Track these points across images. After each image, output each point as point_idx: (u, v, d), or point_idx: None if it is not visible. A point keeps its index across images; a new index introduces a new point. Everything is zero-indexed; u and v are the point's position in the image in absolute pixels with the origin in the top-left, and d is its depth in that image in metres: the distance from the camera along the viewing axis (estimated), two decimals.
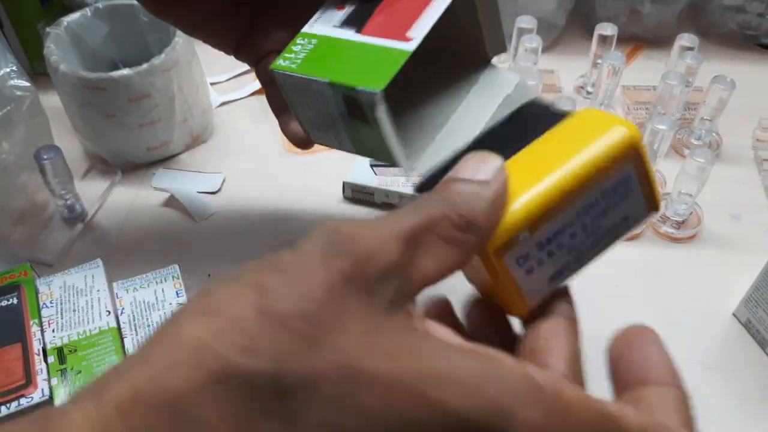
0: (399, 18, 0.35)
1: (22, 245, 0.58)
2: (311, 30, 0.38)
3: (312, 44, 0.37)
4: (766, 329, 0.50)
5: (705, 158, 0.54)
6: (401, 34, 0.34)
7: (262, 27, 0.44)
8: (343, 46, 0.35)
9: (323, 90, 0.35)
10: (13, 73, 0.57)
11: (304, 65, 0.36)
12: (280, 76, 0.37)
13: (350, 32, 0.36)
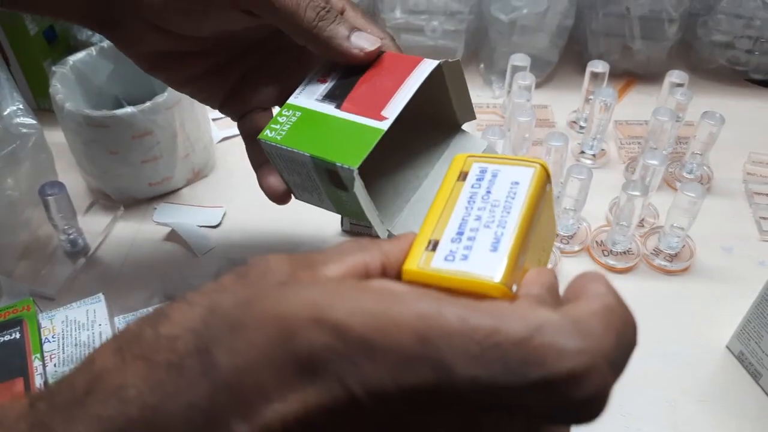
0: (375, 96, 0.39)
1: (25, 279, 0.59)
2: (296, 102, 0.41)
3: (296, 116, 0.40)
4: (759, 362, 0.51)
5: (695, 192, 0.55)
6: (376, 113, 0.38)
7: (247, 85, 0.47)
8: (323, 120, 0.39)
9: (305, 161, 0.39)
10: (20, 111, 0.59)
11: (288, 137, 0.39)
12: (267, 146, 0.41)
13: (330, 107, 0.40)
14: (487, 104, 0.78)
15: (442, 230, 0.27)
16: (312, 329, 0.21)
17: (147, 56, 0.44)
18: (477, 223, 0.27)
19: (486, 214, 0.28)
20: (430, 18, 0.78)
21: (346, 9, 0.41)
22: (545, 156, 0.61)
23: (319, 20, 0.38)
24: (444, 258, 0.26)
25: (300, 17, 0.38)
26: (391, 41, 0.42)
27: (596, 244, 0.61)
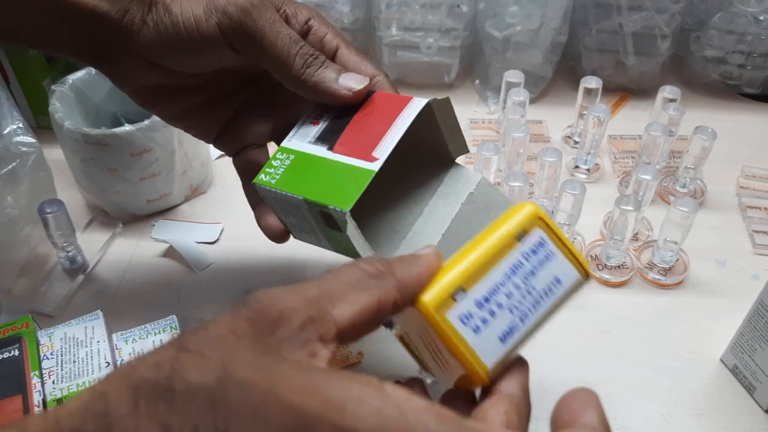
0: (366, 137, 0.39)
1: (24, 297, 0.59)
2: (289, 145, 0.42)
3: (289, 160, 0.41)
4: (753, 375, 0.51)
5: (688, 207, 0.56)
6: (368, 155, 0.38)
7: (242, 121, 0.47)
8: (316, 163, 0.40)
9: (299, 203, 0.39)
10: (19, 130, 0.60)
11: (282, 181, 0.40)
12: (262, 189, 0.41)
13: (323, 149, 0.40)
14: (482, 120, 0.79)
15: (472, 283, 0.28)
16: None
17: (141, 91, 0.45)
18: (506, 300, 0.28)
19: (517, 296, 0.28)
20: (426, 35, 0.79)
21: (340, 47, 0.42)
22: (539, 171, 0.62)
23: (306, 67, 0.39)
24: (459, 316, 0.27)
25: (289, 65, 0.39)
26: (385, 78, 0.42)
27: (591, 258, 0.62)
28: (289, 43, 0.38)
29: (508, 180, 0.59)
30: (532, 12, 0.75)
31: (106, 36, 0.41)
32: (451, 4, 0.77)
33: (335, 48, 0.42)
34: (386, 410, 0.22)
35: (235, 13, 0.38)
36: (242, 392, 0.22)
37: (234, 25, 0.38)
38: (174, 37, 0.39)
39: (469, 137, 0.76)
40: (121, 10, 0.40)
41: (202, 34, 0.39)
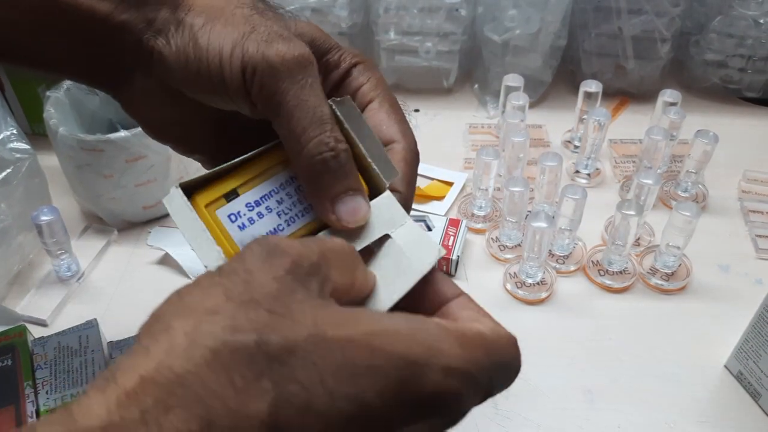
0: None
1: (18, 305, 0.58)
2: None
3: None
4: (758, 381, 0.50)
5: (690, 211, 0.55)
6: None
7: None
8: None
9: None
10: (13, 136, 0.59)
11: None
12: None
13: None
14: (482, 125, 0.78)
15: (247, 188, 0.31)
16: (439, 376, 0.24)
17: (154, 123, 0.39)
18: (276, 206, 0.31)
19: (287, 203, 0.32)
20: (424, 39, 0.78)
21: (372, 101, 0.35)
22: (540, 176, 0.61)
23: (318, 162, 0.31)
24: (228, 214, 0.30)
25: (300, 146, 0.31)
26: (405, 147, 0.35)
27: (592, 264, 0.61)
28: (310, 119, 0.31)
29: (509, 185, 0.58)
30: (531, 16, 0.75)
31: (119, 50, 0.35)
32: (449, 8, 0.76)
33: (367, 102, 0.35)
34: (466, 341, 0.25)
35: (260, 65, 0.31)
36: (341, 349, 0.22)
37: (256, 78, 0.31)
38: (194, 71, 0.33)
39: (468, 142, 0.76)
40: (144, 21, 0.34)
41: (224, 78, 0.32)
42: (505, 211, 0.61)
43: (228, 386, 0.21)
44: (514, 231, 0.62)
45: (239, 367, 0.21)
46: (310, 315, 0.23)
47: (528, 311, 0.58)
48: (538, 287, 0.59)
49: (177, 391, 0.21)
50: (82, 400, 0.21)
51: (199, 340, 0.22)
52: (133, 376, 0.21)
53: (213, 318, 0.22)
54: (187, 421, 0.20)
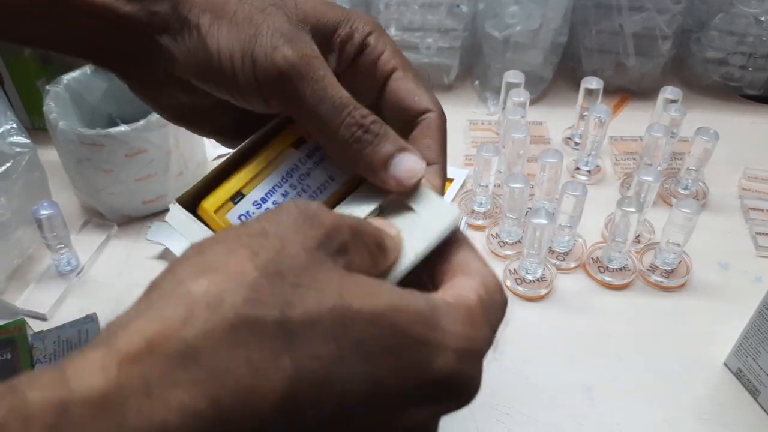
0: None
1: (17, 299, 0.58)
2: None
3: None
4: (757, 378, 0.50)
5: (690, 209, 0.55)
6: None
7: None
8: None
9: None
10: (13, 130, 0.59)
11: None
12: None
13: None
14: (482, 121, 0.78)
15: (251, 187, 0.31)
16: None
17: (168, 108, 0.39)
18: (282, 199, 0.31)
19: (292, 194, 0.32)
20: (425, 35, 0.78)
21: (395, 70, 0.35)
22: (540, 173, 0.61)
23: (354, 142, 0.31)
24: (238, 216, 0.31)
25: (333, 138, 0.32)
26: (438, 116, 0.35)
27: (592, 261, 0.61)
28: (332, 109, 0.31)
29: (509, 181, 0.58)
30: (532, 12, 0.75)
31: (125, 40, 0.35)
32: (450, 5, 0.76)
33: (390, 71, 0.35)
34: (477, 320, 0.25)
35: (272, 73, 0.31)
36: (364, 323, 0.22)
37: (270, 85, 0.32)
38: (205, 72, 0.33)
39: (469, 139, 0.76)
40: (147, 14, 0.34)
41: (239, 82, 0.33)
42: (505, 208, 0.61)
43: (244, 364, 0.20)
44: (514, 227, 0.62)
45: (258, 345, 0.21)
46: (336, 285, 0.23)
47: (528, 308, 0.58)
48: (538, 284, 0.59)
49: (187, 364, 0.20)
50: (77, 361, 0.20)
51: (219, 311, 0.21)
52: (138, 339, 0.20)
53: (236, 288, 0.21)
54: (194, 398, 0.19)
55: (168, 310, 0.21)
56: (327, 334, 0.22)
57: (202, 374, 0.20)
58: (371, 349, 0.22)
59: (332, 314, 0.22)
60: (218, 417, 0.20)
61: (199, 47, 0.33)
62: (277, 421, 0.21)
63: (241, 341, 0.20)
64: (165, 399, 0.19)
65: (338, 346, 0.22)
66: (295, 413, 0.21)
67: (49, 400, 0.19)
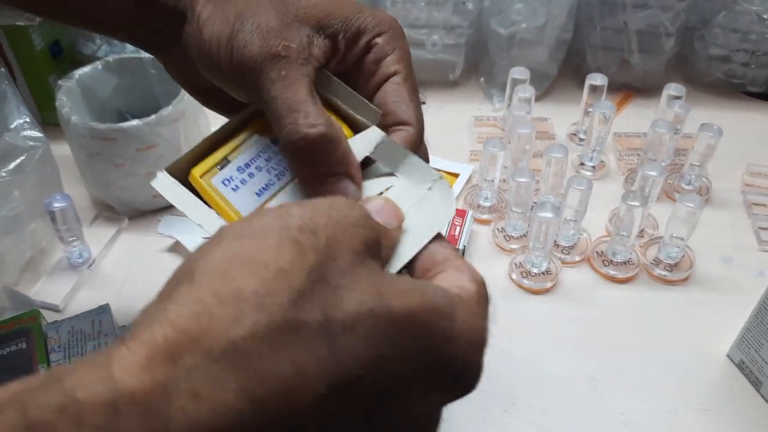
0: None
1: (30, 291, 0.59)
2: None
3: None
4: (760, 370, 0.51)
5: (694, 203, 0.56)
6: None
7: None
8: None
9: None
10: (26, 124, 0.60)
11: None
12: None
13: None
14: (488, 117, 0.79)
15: (237, 154, 0.34)
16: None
17: (195, 89, 0.42)
18: (264, 164, 0.34)
19: (275, 160, 0.34)
20: (431, 32, 0.79)
21: (395, 75, 0.35)
22: (545, 168, 0.62)
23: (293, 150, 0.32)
24: (222, 180, 0.33)
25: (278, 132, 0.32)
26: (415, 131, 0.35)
27: (597, 255, 0.62)
28: (281, 112, 0.32)
29: (515, 176, 0.59)
30: (538, 9, 0.75)
31: (158, 20, 0.38)
32: (456, 2, 0.77)
33: (389, 75, 0.35)
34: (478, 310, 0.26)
35: (239, 69, 0.33)
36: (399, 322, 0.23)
37: (238, 79, 0.34)
38: (201, 57, 0.35)
39: (474, 135, 0.76)
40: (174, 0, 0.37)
41: (221, 68, 0.34)
42: (510, 202, 0.61)
43: (288, 366, 0.20)
44: (519, 222, 0.63)
45: (302, 347, 0.21)
46: (376, 285, 0.23)
47: (533, 301, 0.59)
48: (543, 277, 0.60)
49: (233, 364, 0.20)
50: (122, 356, 0.20)
51: (267, 314, 0.21)
52: (185, 338, 0.20)
53: (283, 289, 0.21)
54: (238, 399, 0.20)
55: (217, 309, 0.21)
56: (368, 335, 0.22)
57: (248, 375, 0.20)
58: (405, 349, 0.23)
59: (372, 315, 0.22)
60: (258, 417, 0.20)
61: (198, 35, 0.35)
62: (314, 420, 0.21)
63: (287, 343, 0.21)
64: (210, 399, 0.19)
65: (375, 347, 0.22)
66: (333, 414, 0.21)
67: (99, 401, 0.19)
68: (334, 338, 0.21)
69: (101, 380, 0.19)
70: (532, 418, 0.50)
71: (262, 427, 0.20)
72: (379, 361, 0.22)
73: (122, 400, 0.19)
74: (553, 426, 0.50)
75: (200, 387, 0.19)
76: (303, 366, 0.21)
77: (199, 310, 0.21)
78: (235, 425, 0.20)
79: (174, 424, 0.19)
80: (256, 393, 0.20)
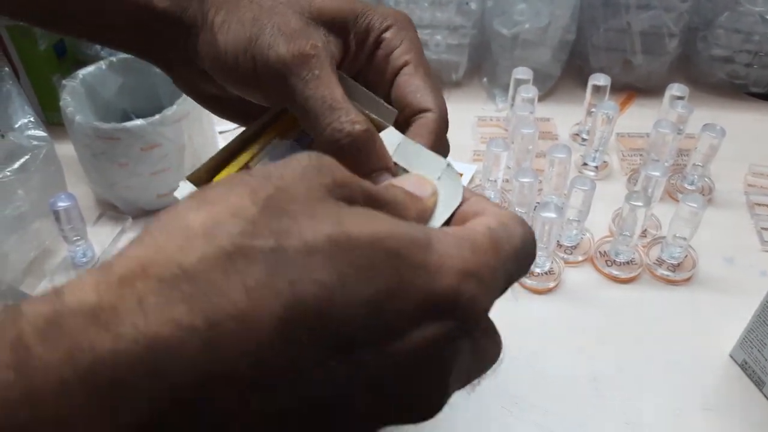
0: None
1: (33, 290, 0.59)
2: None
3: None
4: (763, 370, 0.51)
5: (697, 203, 0.56)
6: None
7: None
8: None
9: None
10: (31, 124, 0.60)
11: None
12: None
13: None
14: (491, 117, 0.79)
15: (258, 161, 0.34)
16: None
17: (205, 98, 0.42)
18: None
19: None
20: (434, 32, 0.79)
21: (407, 65, 0.35)
22: (548, 168, 0.62)
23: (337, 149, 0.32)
24: None
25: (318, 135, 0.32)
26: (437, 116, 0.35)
27: (599, 255, 0.62)
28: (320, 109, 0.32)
29: (518, 176, 0.59)
30: (541, 10, 0.75)
31: (163, 33, 0.37)
32: (459, 2, 0.77)
33: (400, 66, 0.35)
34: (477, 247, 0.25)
35: (266, 70, 0.33)
36: (363, 248, 0.22)
37: (265, 81, 0.33)
38: (219, 68, 0.35)
39: (477, 135, 0.77)
40: (180, 9, 0.36)
41: (243, 77, 0.34)
42: (514, 202, 0.62)
43: (240, 289, 0.20)
44: None
45: (253, 271, 0.20)
46: (334, 215, 0.23)
47: (536, 300, 0.59)
48: (546, 277, 0.60)
49: (182, 286, 0.20)
50: (73, 281, 0.20)
51: (215, 240, 0.21)
52: (133, 264, 0.20)
53: (233, 219, 0.21)
54: (189, 315, 0.20)
55: (163, 238, 0.21)
56: (325, 260, 0.21)
57: (198, 296, 0.20)
58: (370, 273, 0.22)
59: (330, 241, 0.22)
60: (213, 337, 0.20)
61: (212, 43, 0.35)
62: (274, 345, 0.20)
63: (237, 269, 0.20)
64: (159, 315, 0.19)
65: (337, 271, 0.21)
66: (294, 338, 0.21)
67: (42, 310, 0.19)
68: (287, 263, 0.21)
69: (47, 298, 0.20)
70: (534, 418, 0.50)
71: (219, 347, 0.20)
72: (342, 288, 0.21)
73: (66, 312, 0.19)
74: (556, 426, 0.50)
75: (149, 305, 0.20)
76: (255, 290, 0.20)
77: (149, 242, 0.21)
78: (188, 339, 0.19)
79: (121, 335, 0.19)
80: (207, 312, 0.20)
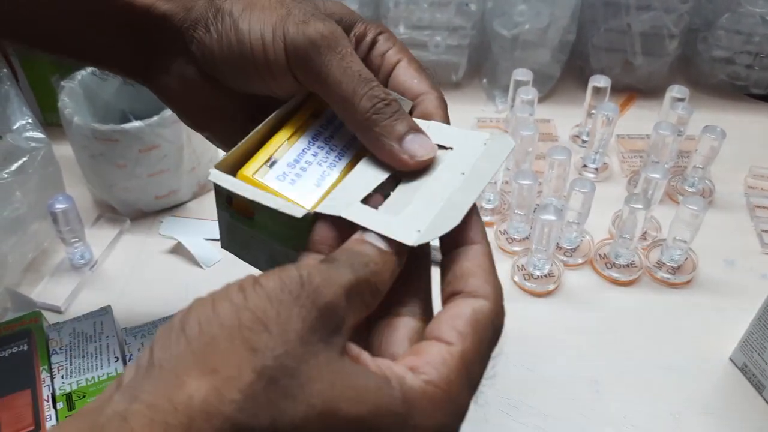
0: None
1: (31, 292, 0.59)
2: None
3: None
4: (762, 373, 0.51)
5: (698, 205, 0.56)
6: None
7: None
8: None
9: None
10: (29, 125, 0.60)
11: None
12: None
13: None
14: (490, 119, 0.79)
15: (282, 153, 0.34)
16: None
17: (190, 111, 0.41)
18: (313, 158, 0.35)
19: (322, 154, 0.35)
20: (434, 33, 0.79)
21: (401, 61, 0.38)
22: (548, 169, 0.62)
23: (373, 113, 0.33)
24: (276, 177, 0.33)
25: (354, 107, 0.34)
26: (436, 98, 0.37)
27: (599, 257, 0.61)
28: (357, 81, 0.34)
29: (518, 178, 0.59)
30: (541, 10, 0.75)
31: (160, 40, 0.37)
32: (459, 3, 0.77)
33: (395, 62, 0.38)
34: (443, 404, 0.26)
35: (303, 44, 0.34)
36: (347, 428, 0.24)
37: (300, 56, 0.34)
38: (237, 56, 0.35)
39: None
40: (183, 10, 0.36)
41: (269, 60, 0.35)
42: (513, 204, 0.61)
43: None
44: (522, 224, 0.63)
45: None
46: (327, 386, 0.24)
47: (535, 303, 0.59)
48: (546, 279, 0.59)
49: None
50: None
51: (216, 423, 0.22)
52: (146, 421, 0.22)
53: (232, 393, 0.23)
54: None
55: (172, 418, 0.22)
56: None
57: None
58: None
59: (320, 420, 0.23)
60: None
61: (231, 31, 0.35)
62: None
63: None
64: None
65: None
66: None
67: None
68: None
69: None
70: (533, 421, 0.50)
71: None
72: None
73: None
74: (555, 429, 0.50)
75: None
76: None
77: (157, 418, 0.22)
78: None
79: None
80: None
